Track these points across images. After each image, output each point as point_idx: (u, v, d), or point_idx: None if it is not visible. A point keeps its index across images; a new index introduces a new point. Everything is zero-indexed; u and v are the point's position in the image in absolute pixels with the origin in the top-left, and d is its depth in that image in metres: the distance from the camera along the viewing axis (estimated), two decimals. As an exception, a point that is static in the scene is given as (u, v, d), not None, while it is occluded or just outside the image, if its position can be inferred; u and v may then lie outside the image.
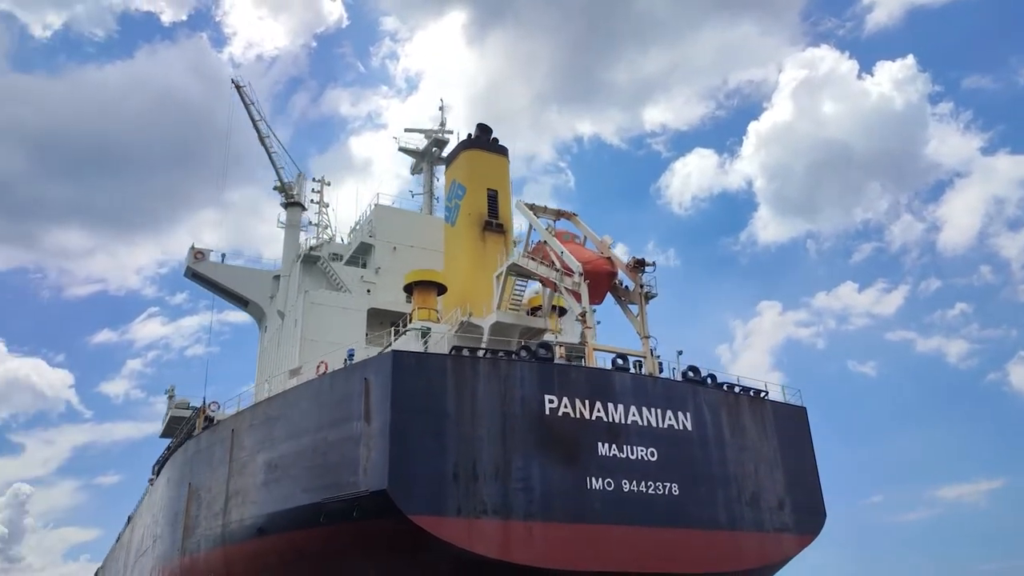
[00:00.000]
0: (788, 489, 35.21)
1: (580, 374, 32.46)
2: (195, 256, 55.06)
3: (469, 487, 28.12)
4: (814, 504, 36.07)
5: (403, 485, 27.24)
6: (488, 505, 28.19)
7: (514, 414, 29.97)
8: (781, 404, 37.39)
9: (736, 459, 34.18)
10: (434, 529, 27.10)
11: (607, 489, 30.39)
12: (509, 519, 28.35)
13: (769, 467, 35.14)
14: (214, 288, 56.03)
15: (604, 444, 31.14)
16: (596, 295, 37.09)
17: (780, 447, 35.90)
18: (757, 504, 33.94)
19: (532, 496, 28.96)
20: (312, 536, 29.33)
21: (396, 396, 28.37)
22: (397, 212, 57.28)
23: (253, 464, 33.21)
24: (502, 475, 28.80)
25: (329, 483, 29.05)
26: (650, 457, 31.90)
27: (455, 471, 28.14)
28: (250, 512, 32.34)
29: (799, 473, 36.12)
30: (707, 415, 34.28)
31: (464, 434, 28.84)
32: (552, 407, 30.78)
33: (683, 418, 33.43)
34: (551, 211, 43.47)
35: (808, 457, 36.99)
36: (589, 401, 31.56)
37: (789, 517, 34.70)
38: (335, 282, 50.52)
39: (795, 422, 37.44)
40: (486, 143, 52.46)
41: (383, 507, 27.11)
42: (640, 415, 32.47)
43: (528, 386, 30.77)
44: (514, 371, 30.88)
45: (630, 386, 33.00)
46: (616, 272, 37.00)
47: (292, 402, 32.57)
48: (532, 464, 29.48)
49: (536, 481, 29.27)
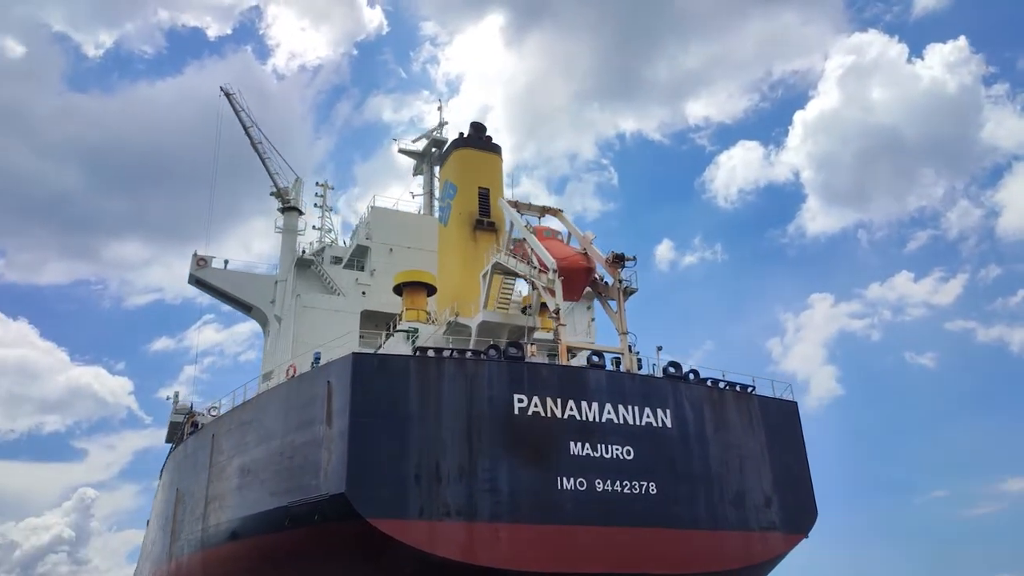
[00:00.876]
0: (776, 486, 34.13)
1: (552, 372, 31.86)
2: (198, 263, 55.56)
3: (432, 489, 27.75)
4: (804, 502, 34.91)
5: (362, 488, 26.97)
6: (452, 507, 27.78)
7: (481, 414, 29.51)
8: (770, 399, 36.28)
9: (720, 456, 33.23)
10: (395, 532, 26.78)
11: (579, 489, 29.75)
12: (474, 521, 27.90)
13: (755, 464, 34.10)
14: (217, 294, 56.53)
15: (576, 443, 30.50)
16: (572, 291, 36.47)
17: (768, 443, 34.83)
18: (741, 502, 32.95)
19: (499, 497, 28.47)
20: (279, 540, 29.28)
21: (356, 399, 28.13)
22: (394, 214, 57.25)
23: (230, 468, 33.33)
24: (467, 476, 28.36)
25: (294, 487, 28.97)
26: (626, 456, 31.16)
27: (417, 473, 27.79)
28: (226, 516, 32.46)
29: (788, 470, 34.99)
30: (688, 412, 33.39)
31: (427, 436, 28.48)
32: (522, 406, 30.25)
33: (662, 415, 32.61)
34: (536, 208, 42.97)
35: (799, 453, 35.83)
36: (561, 400, 30.95)
37: (776, 515, 33.62)
38: (329, 285, 50.66)
39: (785, 418, 36.30)
40: (477, 142, 52.15)
41: (343, 511, 26.90)
42: (616, 413, 31.74)
43: (496, 386, 30.28)
44: (481, 371, 30.42)
45: (605, 384, 32.29)
46: (593, 268, 36.29)
47: (263, 406, 32.61)
48: (499, 465, 28.98)
49: (503, 482, 28.76)
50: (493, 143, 53.53)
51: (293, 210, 54.90)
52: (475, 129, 54.64)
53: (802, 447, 35.97)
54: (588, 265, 35.77)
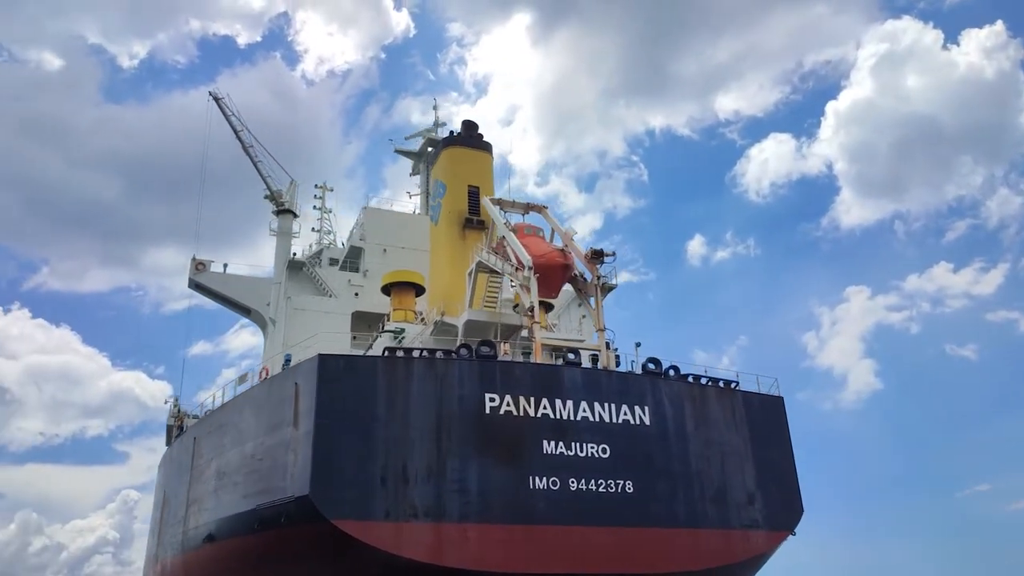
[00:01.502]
0: (759, 483, 33.48)
1: (525, 371, 31.52)
2: (196, 267, 55.98)
3: (398, 490, 27.56)
4: (789, 498, 34.19)
5: (326, 490, 26.86)
6: (419, 508, 27.58)
7: (450, 414, 29.27)
8: (754, 395, 35.60)
9: (700, 453, 32.67)
10: (359, 534, 26.64)
11: (552, 488, 29.40)
12: (442, 521, 27.67)
13: (738, 461, 33.48)
14: (216, 297, 56.93)
15: (550, 442, 30.15)
16: (550, 288, 36.09)
17: (752, 439, 34.18)
18: (723, 500, 32.35)
19: (468, 497, 28.21)
20: (250, 543, 29.31)
21: (321, 400, 28.03)
22: (388, 214, 57.22)
23: (208, 471, 33.45)
24: (435, 477, 28.14)
25: (264, 489, 28.97)
26: (601, 454, 30.75)
27: (383, 474, 27.63)
28: (203, 519, 32.58)
29: (773, 466, 34.30)
30: (668, 409, 32.87)
31: (395, 436, 28.30)
32: (493, 405, 29.97)
33: (640, 412, 32.14)
34: (520, 205, 42.57)
35: (784, 449, 35.11)
36: (535, 398, 30.62)
37: (759, 513, 32.97)
38: (321, 287, 50.73)
39: (770, 413, 35.59)
40: (467, 140, 51.83)
41: (308, 513, 26.81)
42: (592, 411, 31.33)
43: (467, 385, 30.02)
44: (452, 370, 30.18)
45: (581, 381, 31.89)
46: (570, 265, 35.80)
47: (238, 409, 32.67)
48: (469, 465, 28.72)
49: (473, 482, 28.50)
50: (483, 141, 53.16)
51: (287, 213, 55.08)
52: (466, 127, 54.35)
53: (788, 443, 35.24)
54: (565, 262, 35.35)
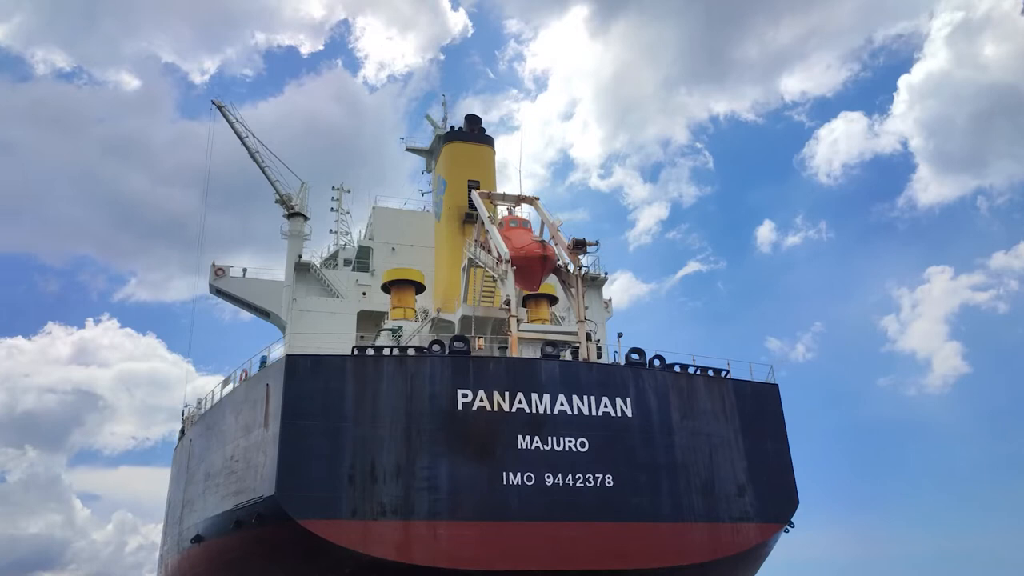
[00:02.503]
0: (751, 474, 32.37)
1: (500, 365, 31.14)
2: (216, 273, 57.04)
3: (366, 489, 27.55)
4: (783, 489, 32.96)
5: (293, 490, 27.02)
6: (387, 506, 27.52)
7: (421, 412, 29.11)
8: (746, 383, 34.42)
9: (686, 445, 31.76)
10: (326, 533, 26.72)
11: (526, 484, 29.00)
12: (410, 519, 27.56)
13: (728, 452, 32.44)
14: (236, 302, 57.96)
15: (525, 437, 29.75)
16: (530, 281, 35.62)
17: (743, 429, 33.08)
18: (710, 492, 31.39)
19: (438, 495, 28.03)
20: (230, 543, 29.76)
21: (288, 401, 28.21)
22: (396, 213, 57.40)
23: (199, 472, 34.12)
24: (404, 475, 28.04)
25: (239, 490, 29.36)
26: (579, 448, 30.18)
27: (351, 473, 27.65)
28: (193, 520, 33.26)
29: (766, 457, 33.13)
30: (652, 400, 32.05)
31: (363, 436, 28.29)
32: (466, 401, 29.71)
33: (622, 404, 31.42)
34: (511, 197, 42.12)
35: (778, 439, 33.85)
36: (509, 393, 30.24)
37: (751, 505, 31.89)
38: (328, 288, 51.21)
39: (763, 401, 34.37)
40: (467, 134, 51.76)
41: (275, 513, 27.04)
42: (569, 404, 30.77)
43: (439, 382, 29.82)
44: (423, 368, 30.01)
45: (558, 375, 31.33)
46: (549, 256, 35.10)
47: (222, 411, 33.19)
48: (439, 462, 28.53)
49: (443, 479, 28.30)
50: (485, 135, 53.08)
51: (298, 216, 55.71)
52: (468, 122, 54.31)
53: (783, 432, 33.96)
54: (543, 253, 34.70)
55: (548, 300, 47.42)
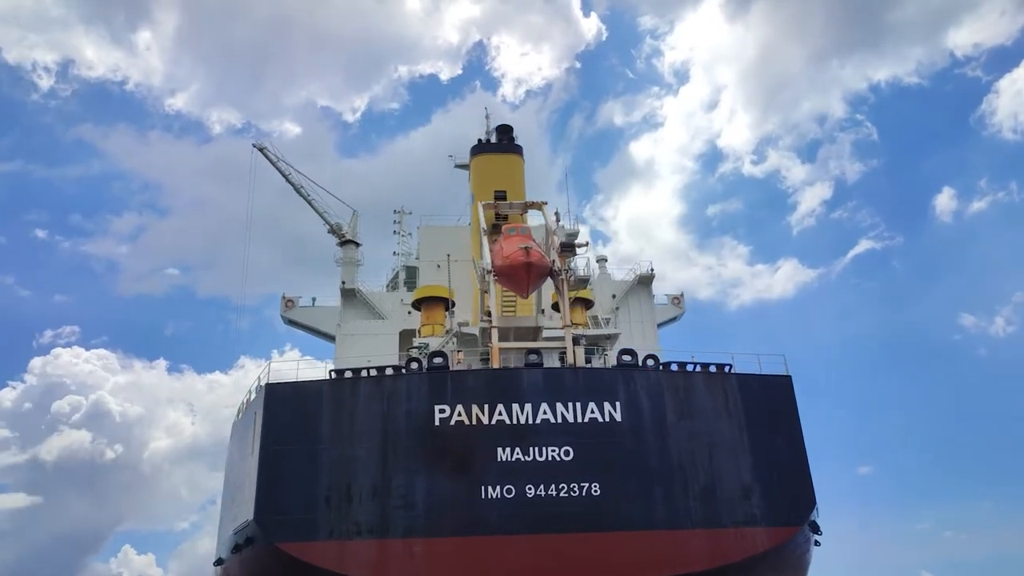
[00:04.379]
0: (758, 475, 30.13)
1: (479, 378, 30.92)
2: (285, 304, 60.25)
3: (342, 509, 28.12)
4: (796, 489, 30.36)
5: (271, 514, 28.05)
6: (362, 526, 27.95)
7: (397, 430, 29.40)
8: (752, 376, 32.14)
9: (683, 447, 30.10)
10: (303, 555, 27.49)
11: (506, 497, 28.55)
12: (386, 537, 27.85)
13: (731, 452, 30.38)
14: (306, 330, 60.92)
15: (505, 449, 29.32)
16: (519, 288, 35.02)
17: (749, 427, 30.89)
18: (711, 496, 29.51)
19: (414, 512, 28.16)
20: (232, 568, 31.22)
21: (267, 427, 29.35)
22: (442, 230, 58.16)
23: (223, 496, 36.12)
24: (380, 494, 28.38)
25: (236, 514, 30.80)
26: (564, 456, 29.36)
27: (328, 495, 28.33)
28: (217, 542, 35.17)
29: (776, 455, 30.72)
30: (644, 402, 30.67)
31: (340, 457, 28.93)
32: (443, 417, 29.71)
33: (610, 408, 30.29)
34: (518, 205, 41.76)
35: (792, 434, 31.26)
36: (488, 405, 29.92)
37: (758, 508, 29.64)
38: (374, 311, 52.69)
39: (773, 395, 31.92)
40: (494, 145, 51.82)
41: (256, 536, 28.16)
42: (553, 412, 30.03)
43: (416, 399, 30.00)
44: (399, 386, 30.31)
45: (541, 383, 30.68)
46: (533, 263, 33.97)
47: (233, 436, 34.97)
48: (416, 479, 28.66)
49: (419, 496, 28.40)
50: (513, 144, 52.90)
51: (350, 243, 57.78)
52: (499, 132, 54.37)
53: (796, 427, 31.35)
54: (526, 260, 33.93)
55: (583, 304, 46.59)
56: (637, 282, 53.54)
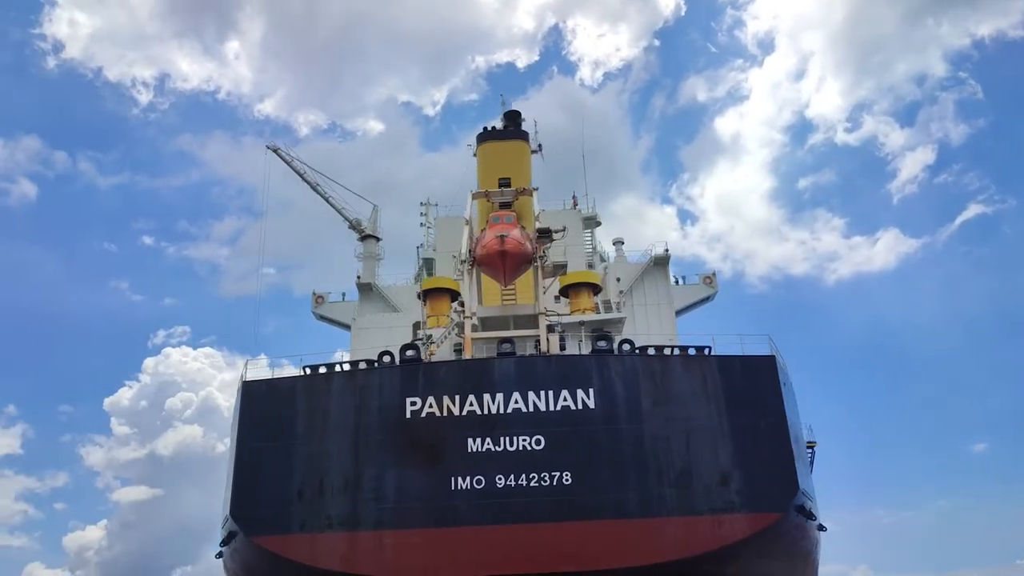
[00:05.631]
0: (738, 460, 29.07)
1: (451, 370, 30.93)
2: (316, 301, 61.65)
3: (315, 503, 28.68)
4: (779, 474, 29.13)
5: (246, 509, 28.90)
6: (334, 518, 28.43)
7: (369, 424, 29.74)
8: (734, 358, 31.01)
9: (658, 433, 29.36)
10: (277, 548, 28.20)
11: (476, 487, 28.54)
12: (356, 530, 28.25)
13: (709, 436, 29.43)
14: (335, 324, 62.20)
15: (476, 439, 29.28)
16: (496, 275, 34.76)
17: (728, 410, 29.83)
18: (687, 483, 28.71)
19: (384, 504, 28.47)
20: (227, 559, 32.21)
21: (243, 425, 30.19)
22: (457, 221, 58.02)
23: (226, 493, 37.32)
24: (351, 487, 28.80)
25: (223, 511, 31.75)
26: (535, 446, 29.12)
27: (300, 489, 28.93)
28: (222, 536, 36.42)
29: (758, 438, 29.55)
30: (619, 388, 30.05)
31: (313, 452, 29.48)
32: (414, 409, 29.88)
33: (583, 396, 29.83)
34: (509, 192, 41.37)
35: (775, 416, 29.98)
36: (460, 396, 29.93)
37: (736, 494, 28.62)
38: (389, 304, 53.30)
39: (755, 376, 30.69)
40: (498, 132, 51.48)
41: (234, 531, 29.02)
42: (525, 401, 29.80)
43: (388, 392, 30.26)
44: (372, 380, 30.62)
45: (513, 372, 30.46)
46: (507, 251, 33.63)
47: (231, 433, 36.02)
48: (387, 472, 28.96)
49: (390, 489, 28.70)
50: (519, 131, 52.46)
51: (370, 238, 58.57)
52: (506, 118, 53.95)
53: (780, 408, 30.04)
54: (500, 249, 33.57)
55: (591, 288, 45.86)
56: (653, 264, 52.33)
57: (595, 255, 56.86)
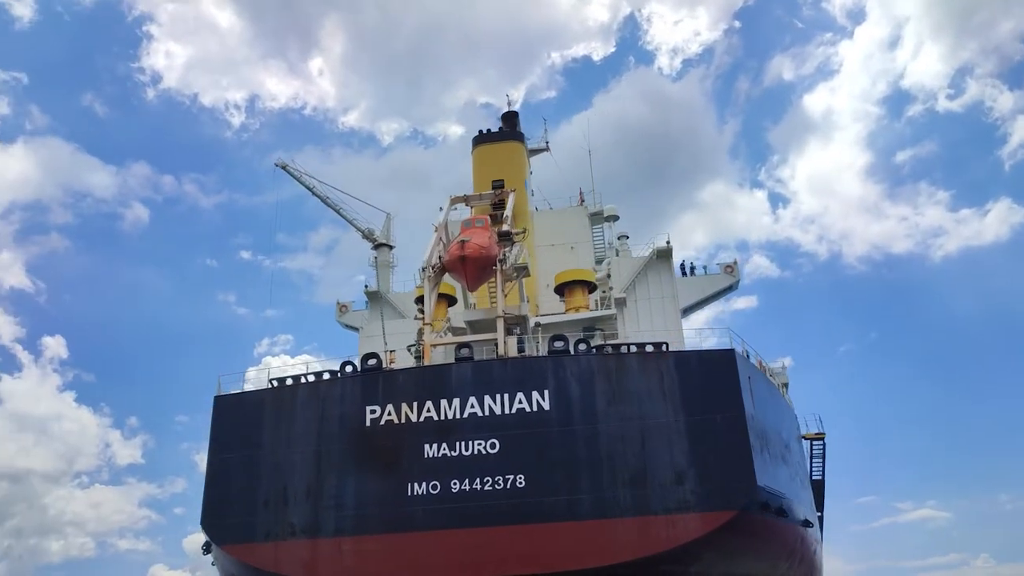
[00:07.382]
0: (693, 458, 28.51)
1: (409, 377, 31.39)
2: (340, 310, 63.31)
3: (278, 512, 29.68)
4: (735, 471, 28.35)
5: (215, 519, 30.14)
6: (296, 527, 29.37)
7: (330, 433, 30.53)
8: (690, 353, 30.50)
9: (613, 433, 29.11)
10: (243, 556, 29.34)
11: (432, 493, 28.97)
12: (317, 537, 29.09)
13: (664, 435, 28.98)
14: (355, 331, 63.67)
15: (432, 445, 29.71)
16: (462, 281, 35.04)
17: (685, 407, 29.29)
18: (641, 483, 28.36)
19: (344, 512, 29.21)
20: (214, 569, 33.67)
21: (214, 438, 31.47)
22: None
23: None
24: (313, 495, 29.67)
25: (205, 519, 33.18)
26: (490, 450, 29.34)
27: (266, 499, 29.99)
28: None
29: (715, 435, 28.88)
30: (574, 389, 29.94)
31: (278, 462, 30.50)
32: (374, 417, 30.52)
33: (538, 398, 29.87)
34: (488, 195, 41.53)
35: (734, 411, 29.20)
36: (418, 403, 30.40)
37: (691, 493, 28.07)
38: (397, 310, 54.17)
39: (714, 371, 29.97)
40: (492, 135, 51.64)
41: (207, 540, 30.33)
42: (481, 405, 30.04)
43: (348, 401, 30.99)
44: (334, 390, 31.39)
45: (470, 377, 30.72)
46: (468, 257, 33.74)
47: None
48: (347, 480, 29.70)
49: (349, 496, 29.42)
50: (514, 132, 52.43)
51: (384, 246, 59.66)
52: (504, 120, 54.02)
53: (738, 403, 29.25)
54: (460, 254, 33.72)
55: (586, 287, 45.63)
56: (655, 257, 51.43)
57: (607, 251, 56.34)
